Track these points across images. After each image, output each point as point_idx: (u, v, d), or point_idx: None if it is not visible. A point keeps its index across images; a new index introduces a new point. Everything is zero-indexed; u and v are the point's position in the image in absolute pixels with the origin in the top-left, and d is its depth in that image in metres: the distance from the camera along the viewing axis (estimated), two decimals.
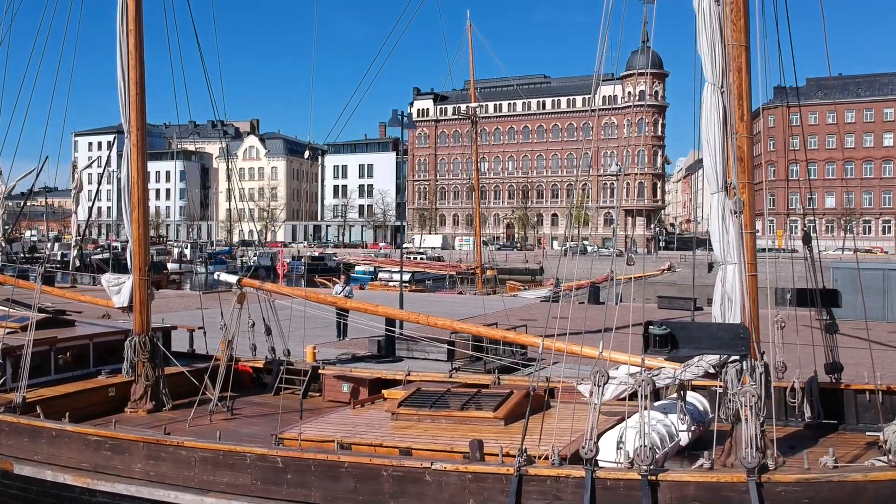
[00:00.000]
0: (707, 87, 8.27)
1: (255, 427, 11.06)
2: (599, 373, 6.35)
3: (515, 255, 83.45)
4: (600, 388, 6.39)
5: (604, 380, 6.31)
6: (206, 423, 11.43)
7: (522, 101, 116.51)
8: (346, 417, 9.94)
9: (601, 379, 6.33)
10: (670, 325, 6.31)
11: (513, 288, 39.84)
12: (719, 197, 8.20)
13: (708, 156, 8.24)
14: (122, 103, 12.18)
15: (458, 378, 12.35)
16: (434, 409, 9.22)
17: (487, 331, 11.16)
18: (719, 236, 8.14)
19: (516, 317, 21.90)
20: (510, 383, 11.88)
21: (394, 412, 9.42)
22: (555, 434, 7.45)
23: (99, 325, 14.03)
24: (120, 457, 8.94)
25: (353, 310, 12.73)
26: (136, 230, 12.20)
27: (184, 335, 15.50)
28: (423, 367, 14.26)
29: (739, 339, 6.37)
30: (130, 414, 11.94)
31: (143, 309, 12.27)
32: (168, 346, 14.12)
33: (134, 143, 12.18)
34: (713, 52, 8.24)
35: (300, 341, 17.08)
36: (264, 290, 11.68)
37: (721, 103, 8.24)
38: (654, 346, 6.25)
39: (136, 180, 12.20)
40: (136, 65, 12.15)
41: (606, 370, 6.42)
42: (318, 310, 13.01)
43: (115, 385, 12.19)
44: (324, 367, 13.73)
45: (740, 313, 7.99)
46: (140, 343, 12.11)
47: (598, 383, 6.35)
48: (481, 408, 9.09)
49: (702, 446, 9.02)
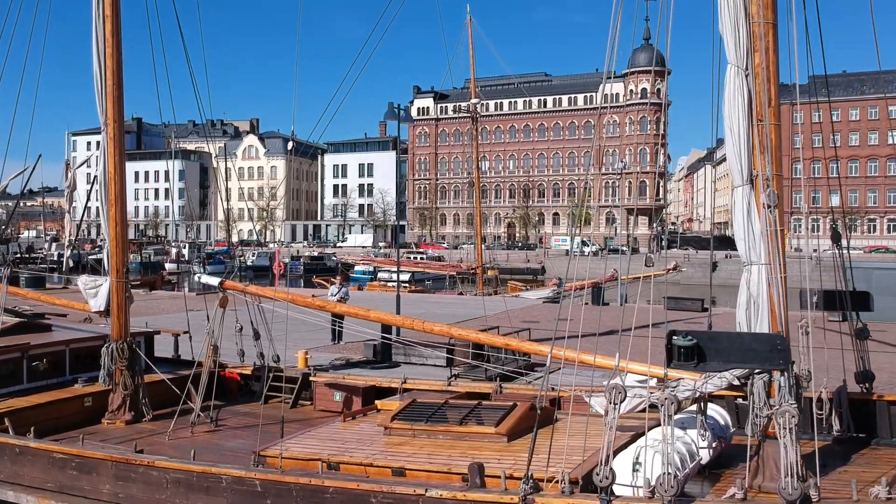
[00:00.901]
0: (730, 70, 7.51)
1: (239, 440, 10.32)
2: (616, 389, 5.57)
3: (516, 254, 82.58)
4: (617, 407, 5.61)
5: (621, 397, 5.53)
6: (188, 435, 10.70)
7: (523, 100, 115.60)
8: (335, 431, 9.18)
9: (618, 396, 5.55)
10: (696, 335, 5.53)
11: (514, 288, 38.97)
12: (744, 191, 7.44)
13: (732, 145, 7.48)
14: (98, 93, 11.41)
15: (456, 387, 11.59)
16: (430, 423, 8.45)
17: (488, 338, 10.36)
18: (744, 234, 7.37)
19: (518, 318, 21.12)
20: (513, 392, 11.11)
21: (387, 426, 8.66)
22: (564, 453, 6.68)
23: (77, 329, 13.27)
24: (87, 477, 8.20)
25: (344, 315, 11.95)
26: (113, 229, 11.43)
27: (169, 340, 14.73)
28: (420, 373, 13.49)
29: (777, 351, 5.58)
30: (108, 425, 11.21)
31: (121, 313, 11.52)
32: (151, 351, 13.37)
33: (111, 136, 11.41)
34: (737, 31, 7.48)
35: (292, 345, 16.36)
36: (248, 292, 10.90)
37: (745, 87, 7.48)
38: (678, 358, 5.48)
39: (113, 176, 11.43)
40: (113, 52, 11.39)
41: (623, 386, 5.64)
42: (311, 312, 12.27)
43: (92, 394, 11.45)
44: (315, 373, 12.97)
45: (768, 319, 7.24)
46: (118, 350, 11.37)
47: (615, 401, 5.57)
48: (482, 422, 8.32)
49: (722, 463, 8.27)
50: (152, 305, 28.16)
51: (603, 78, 7.63)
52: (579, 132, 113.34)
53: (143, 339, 12.92)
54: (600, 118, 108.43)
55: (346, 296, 18.95)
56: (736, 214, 7.45)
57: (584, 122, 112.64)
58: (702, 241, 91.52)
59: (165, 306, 26.35)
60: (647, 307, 9.93)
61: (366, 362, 14.46)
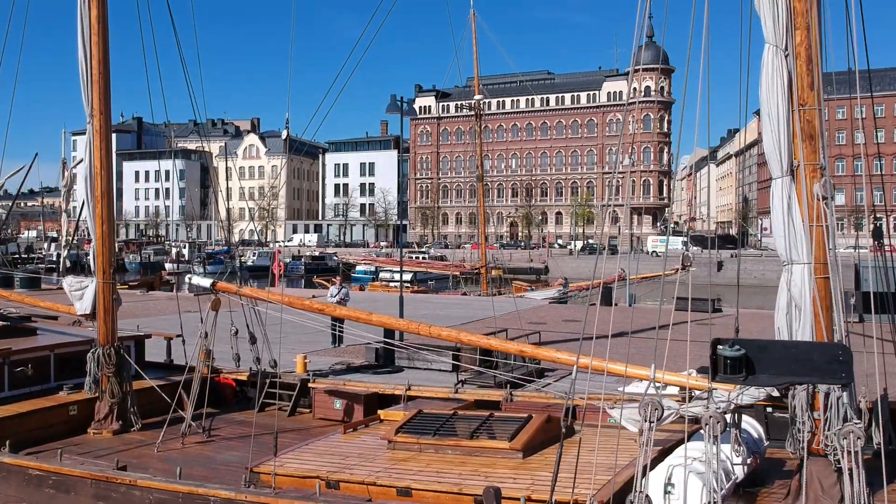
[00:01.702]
0: (768, 50, 6.83)
1: (232, 452, 9.65)
2: (652, 405, 4.89)
3: (520, 253, 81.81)
4: (653, 426, 4.93)
5: (658, 414, 4.86)
6: (178, 446, 10.04)
7: (526, 98, 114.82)
8: (334, 445, 8.50)
9: (654, 413, 4.87)
10: (744, 344, 4.86)
11: (519, 289, 38.13)
12: (783, 182, 6.76)
13: (770, 132, 6.79)
14: (84, 83, 10.73)
15: (464, 395, 10.91)
16: (438, 436, 7.76)
17: (501, 343, 9.66)
18: (784, 230, 6.69)
19: (525, 319, 20.42)
20: (525, 401, 10.43)
21: (391, 439, 7.98)
22: (593, 472, 5.99)
23: (64, 333, 12.60)
24: (65, 496, 7.54)
25: (343, 318, 11.27)
26: (100, 227, 10.76)
27: (162, 343, 14.06)
28: (425, 378, 12.84)
29: (838, 363, 4.90)
30: (94, 435, 10.54)
31: (108, 316, 10.83)
32: (141, 356, 12.70)
33: (97, 128, 10.73)
34: (775, 6, 6.80)
35: (291, 349, 15.69)
36: (241, 294, 10.23)
37: (785, 68, 6.80)
38: (724, 371, 4.81)
39: (99, 171, 10.75)
40: (99, 39, 10.71)
41: (660, 401, 4.97)
42: (309, 315, 11.61)
43: (78, 403, 10.78)
44: (314, 380, 12.30)
45: (810, 325, 6.56)
46: (104, 355, 10.69)
47: (651, 418, 4.89)
48: (494, 436, 7.64)
49: (756, 480, 7.60)
50: (149, 306, 27.53)
51: (631, 71, 6.93)
52: (582, 130, 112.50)
53: (132, 344, 12.27)
54: (603, 116, 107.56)
55: (347, 297, 18.28)
56: (775, 208, 6.77)
57: (587, 121, 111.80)
58: (724, 239, 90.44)
59: (162, 307, 25.70)
60: (663, 308, 9.22)
61: (367, 367, 13.81)
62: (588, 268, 73.03)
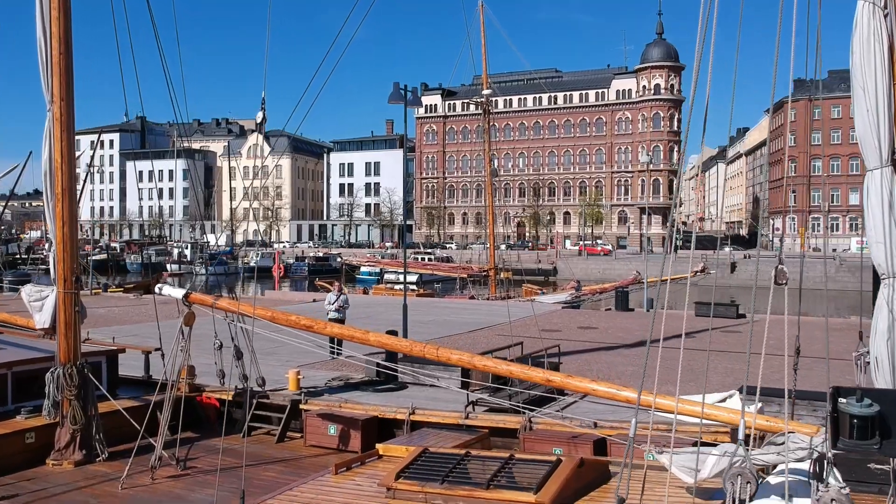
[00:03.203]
0: (862, 7, 5.45)
1: (208, 490, 8.32)
2: (744, 478, 3.52)
3: (527, 254, 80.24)
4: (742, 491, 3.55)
5: (751, 489, 3.49)
6: (147, 482, 8.73)
7: (534, 97, 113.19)
8: (323, 489, 7.15)
9: (746, 488, 3.50)
10: (879, 396, 3.48)
11: (529, 292, 36.43)
12: (882, 175, 5.38)
13: (864, 111, 5.41)
14: (43, 66, 9.41)
15: (476, 420, 9.56)
16: (448, 484, 6.40)
17: (523, 371, 8.22)
18: (885, 234, 5.31)
19: (537, 327, 19.03)
20: (547, 429, 9.05)
21: (390, 486, 6.63)
22: None
23: (28, 348, 11.28)
24: None
25: (336, 337, 9.93)
26: (60, 229, 9.44)
27: (140, 357, 12.75)
28: (430, 397, 11.48)
29: None
30: (53, 467, 9.23)
31: (70, 331, 9.52)
32: (114, 373, 11.38)
33: (57, 116, 9.41)
34: None
35: (283, 361, 14.35)
36: (217, 307, 8.88)
37: (885, 30, 5.42)
38: (850, 435, 3.46)
39: (59, 165, 9.43)
40: (60, 16, 9.39)
41: (753, 469, 3.59)
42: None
43: (35, 430, 9.48)
44: (306, 400, 10.97)
45: None
46: (65, 375, 9.37)
47: (742, 495, 3.51)
48: (516, 484, 6.27)
49: None
50: (140, 312, 26.28)
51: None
52: (591, 129, 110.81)
53: (103, 359, 10.96)
54: (612, 115, 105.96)
55: (346, 304, 16.92)
56: (871, 207, 5.40)
57: (596, 119, 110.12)
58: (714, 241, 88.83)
59: (153, 313, 24.36)
60: (680, 313, 7.80)
61: (367, 383, 12.43)
62: (598, 269, 71.77)
